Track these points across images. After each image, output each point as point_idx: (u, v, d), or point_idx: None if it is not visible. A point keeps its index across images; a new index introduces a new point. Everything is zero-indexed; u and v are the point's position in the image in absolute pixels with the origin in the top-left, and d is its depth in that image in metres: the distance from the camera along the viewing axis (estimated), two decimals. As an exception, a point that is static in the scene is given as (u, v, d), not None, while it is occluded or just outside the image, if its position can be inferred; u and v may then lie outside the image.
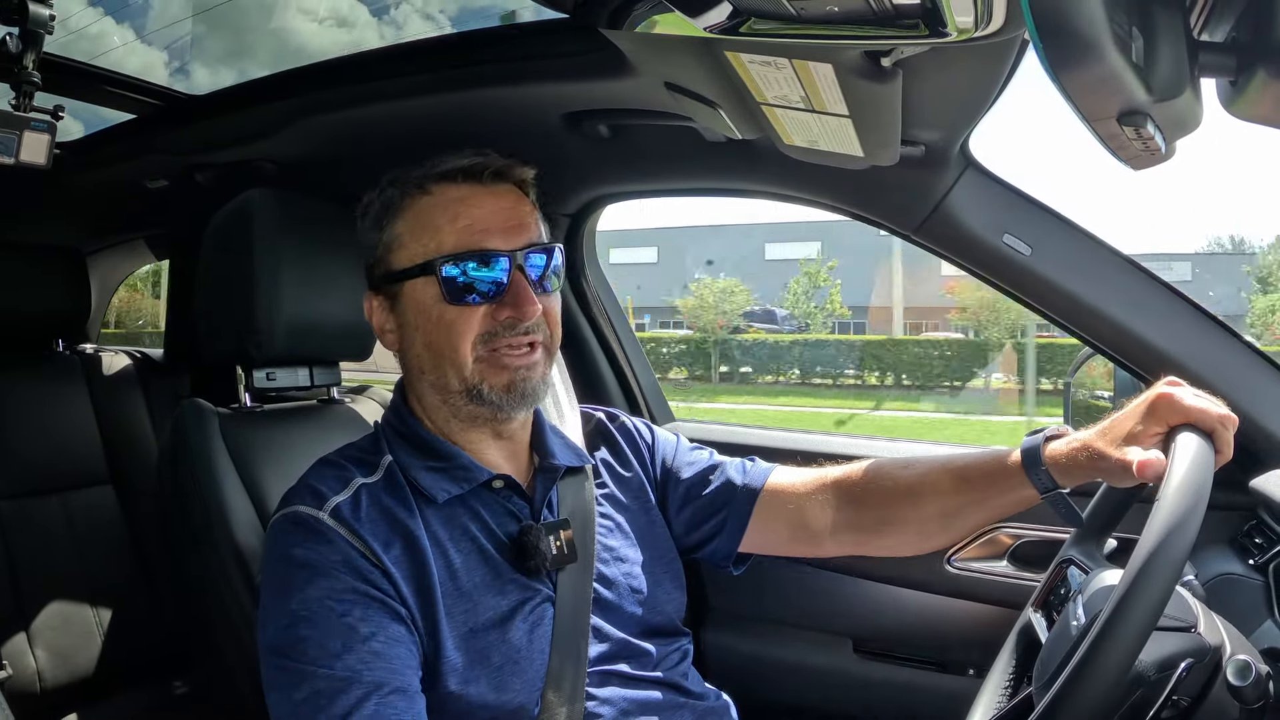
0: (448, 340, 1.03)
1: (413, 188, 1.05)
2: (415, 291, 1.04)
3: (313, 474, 1.05)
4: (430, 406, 1.09)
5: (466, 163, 1.05)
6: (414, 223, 1.05)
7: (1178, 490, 0.80)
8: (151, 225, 2.40)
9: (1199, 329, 1.31)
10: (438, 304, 1.02)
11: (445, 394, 1.06)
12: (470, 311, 1.02)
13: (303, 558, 0.95)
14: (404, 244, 1.05)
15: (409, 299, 1.05)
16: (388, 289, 1.07)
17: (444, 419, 1.09)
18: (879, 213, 1.44)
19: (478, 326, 1.02)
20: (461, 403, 1.05)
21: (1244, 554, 1.22)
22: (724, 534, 1.23)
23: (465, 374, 1.03)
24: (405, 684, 0.92)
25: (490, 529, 1.05)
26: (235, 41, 2.06)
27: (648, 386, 1.93)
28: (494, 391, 1.03)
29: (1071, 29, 0.63)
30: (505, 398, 1.04)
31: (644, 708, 1.07)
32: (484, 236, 1.03)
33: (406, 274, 1.04)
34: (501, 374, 1.03)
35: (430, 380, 1.06)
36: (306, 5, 2.11)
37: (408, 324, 1.06)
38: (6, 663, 1.81)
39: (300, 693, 0.89)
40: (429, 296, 1.03)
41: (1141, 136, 0.74)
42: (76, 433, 2.09)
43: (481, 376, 1.03)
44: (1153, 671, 0.81)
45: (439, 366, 1.04)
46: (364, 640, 0.91)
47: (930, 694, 1.53)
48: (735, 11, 0.82)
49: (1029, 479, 1.05)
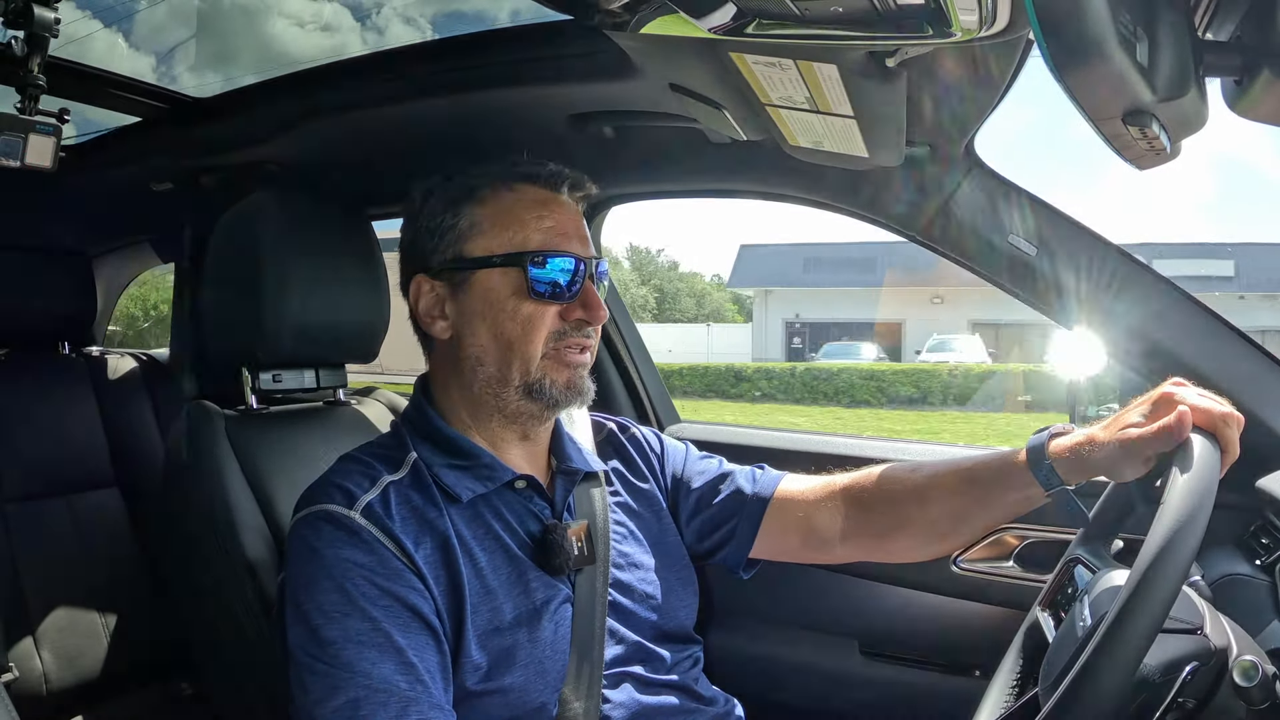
0: (523, 333, 1.05)
1: (496, 180, 1.08)
2: (491, 281, 1.05)
3: (339, 471, 1.04)
4: (472, 400, 1.09)
5: (552, 168, 1.09)
6: (497, 214, 1.07)
7: (1184, 491, 0.80)
8: (157, 228, 2.40)
9: (1206, 329, 1.30)
10: (515, 296, 1.04)
11: (501, 387, 1.07)
12: (545, 309, 1.05)
13: (335, 557, 0.95)
14: (484, 232, 1.06)
15: (481, 287, 1.06)
16: (452, 275, 1.07)
17: (483, 414, 1.09)
18: (884, 213, 1.44)
19: (550, 324, 1.05)
20: (515, 397, 1.07)
21: (1250, 555, 1.22)
22: (735, 542, 1.23)
23: (531, 367, 1.05)
24: (439, 700, 0.92)
25: (513, 528, 1.06)
26: (228, 46, 2.07)
27: (654, 391, 1.93)
28: (555, 387, 1.06)
29: (1076, 29, 0.63)
30: (565, 394, 1.07)
31: (657, 712, 1.07)
32: (565, 240, 1.07)
33: (485, 262, 1.05)
34: (564, 371, 1.07)
35: (489, 372, 1.07)
36: (291, 10, 2.13)
37: (472, 312, 1.07)
38: (13, 665, 1.81)
39: (337, 699, 0.89)
40: (507, 287, 1.05)
41: (1146, 136, 0.74)
42: (82, 435, 2.09)
43: (544, 372, 1.06)
44: (1159, 673, 0.81)
45: (505, 358, 1.06)
46: (399, 651, 0.91)
47: (937, 695, 1.52)
48: (739, 13, 0.82)
49: (1034, 476, 1.05)
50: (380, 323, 1.40)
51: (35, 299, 2.08)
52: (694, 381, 18.76)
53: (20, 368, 2.08)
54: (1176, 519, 0.77)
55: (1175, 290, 1.31)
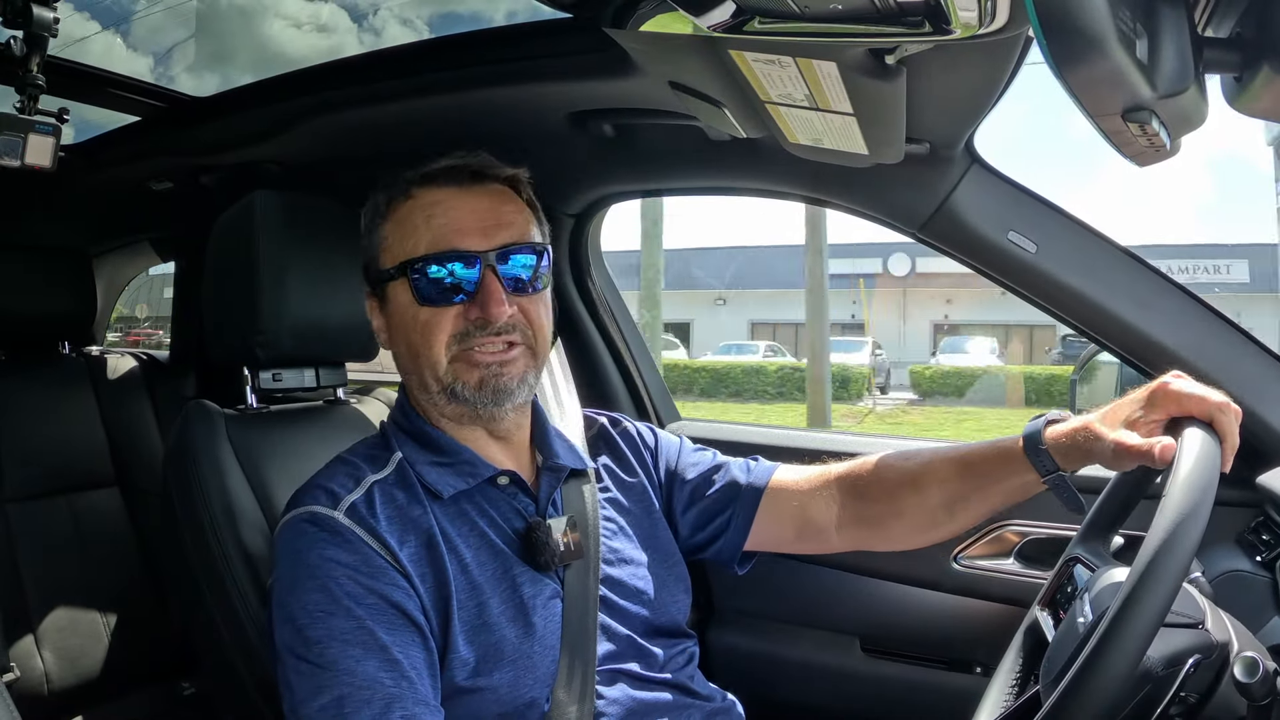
0: (423, 340, 1.05)
1: (398, 192, 1.08)
2: (396, 293, 1.06)
3: (324, 473, 1.06)
4: (425, 404, 1.10)
5: (446, 165, 1.07)
6: (396, 226, 1.07)
7: (1185, 486, 0.80)
8: (157, 227, 2.41)
9: (1206, 325, 1.30)
10: (413, 305, 1.04)
11: (427, 392, 1.08)
12: (442, 312, 1.04)
13: (319, 558, 0.96)
14: (388, 246, 1.07)
15: (392, 301, 1.07)
16: (378, 291, 1.10)
17: (437, 417, 1.10)
18: (884, 211, 1.44)
19: (450, 326, 1.04)
20: (442, 401, 1.07)
21: (1251, 551, 1.22)
22: (730, 532, 1.23)
23: (440, 373, 1.05)
24: (425, 696, 0.92)
25: (498, 525, 1.06)
26: (225, 47, 2.07)
27: (653, 385, 1.93)
28: (467, 389, 1.05)
29: (1076, 26, 0.63)
30: (478, 395, 1.05)
31: (652, 709, 1.07)
32: (457, 237, 1.03)
33: (389, 275, 1.06)
34: (473, 371, 1.05)
35: (414, 379, 1.09)
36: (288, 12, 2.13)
37: (391, 325, 1.09)
38: (14, 664, 1.81)
39: (322, 698, 0.89)
40: (405, 296, 1.05)
41: (1146, 132, 0.74)
42: (83, 435, 2.09)
43: (455, 375, 1.05)
44: (1160, 668, 0.81)
45: (417, 366, 1.07)
46: (384, 648, 0.91)
47: (937, 692, 1.52)
48: (739, 10, 0.82)
49: (1031, 462, 1.05)
50: None
51: (35, 299, 2.07)
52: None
53: (20, 367, 2.08)
54: (1178, 513, 0.77)
55: (1175, 286, 1.32)
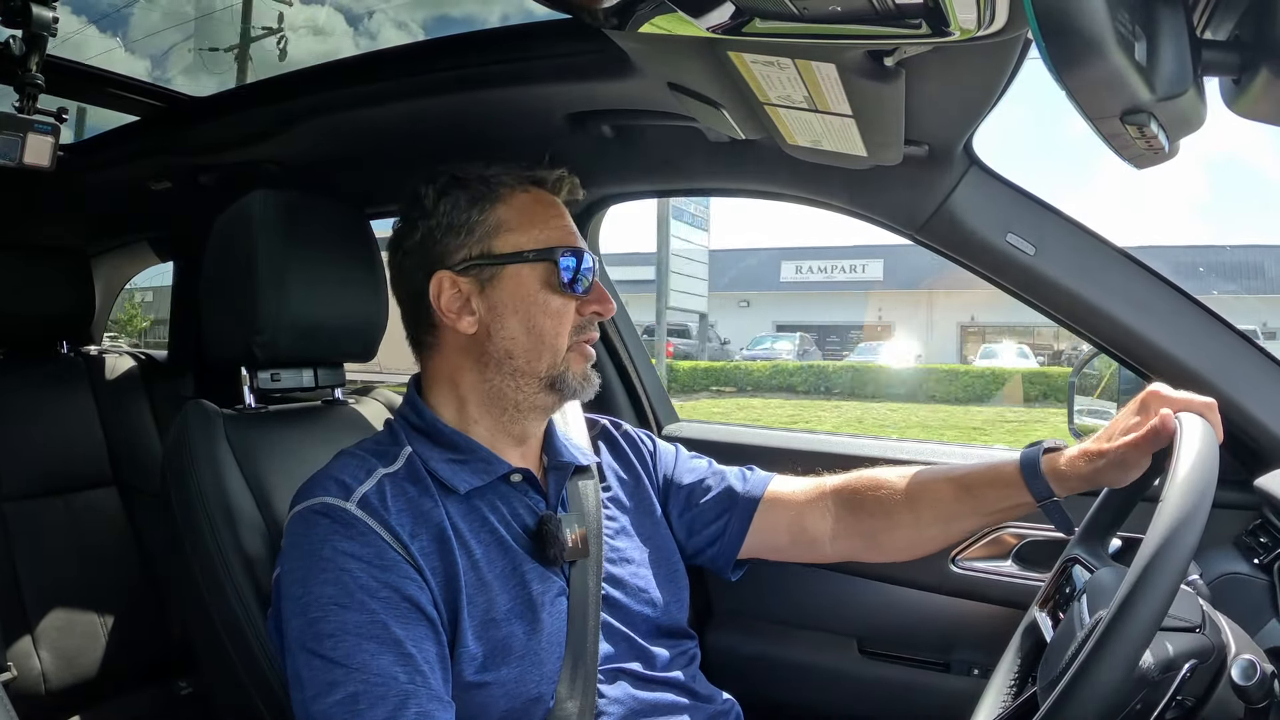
0: (552, 325, 1.08)
1: (514, 182, 1.12)
2: (521, 276, 1.08)
3: (334, 466, 1.05)
4: (479, 395, 1.11)
5: (558, 174, 1.15)
6: (521, 213, 1.10)
7: (1183, 488, 0.80)
8: (155, 227, 2.40)
9: (1204, 328, 1.30)
10: (544, 290, 1.08)
11: (525, 379, 1.09)
12: (569, 302, 1.10)
13: (332, 550, 0.95)
14: (511, 229, 1.09)
15: (510, 281, 1.08)
16: (480, 270, 1.09)
17: (491, 411, 1.11)
18: (882, 212, 1.44)
19: (573, 317, 1.10)
20: (536, 389, 1.10)
21: (1249, 554, 1.22)
22: (725, 540, 1.25)
23: (558, 360, 1.09)
24: (438, 691, 0.92)
25: (508, 521, 1.07)
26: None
27: (652, 389, 1.93)
28: (575, 378, 1.10)
29: (1074, 28, 0.63)
30: (581, 384, 1.11)
31: (654, 709, 1.08)
32: (575, 239, 1.12)
33: (516, 258, 1.08)
34: (582, 363, 1.11)
35: (516, 364, 1.09)
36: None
37: (503, 306, 1.09)
38: (11, 664, 1.81)
39: (336, 694, 0.89)
40: (536, 282, 1.08)
41: (1145, 135, 0.74)
42: (81, 434, 2.09)
43: (568, 364, 1.10)
44: (1157, 671, 0.81)
45: (535, 350, 1.08)
46: (398, 642, 0.91)
47: (935, 694, 1.52)
48: (738, 11, 0.82)
49: (1028, 487, 1.10)
50: (379, 322, 1.39)
51: (33, 298, 2.07)
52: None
53: (18, 367, 2.08)
54: (1176, 516, 0.77)
55: (1173, 289, 1.31)
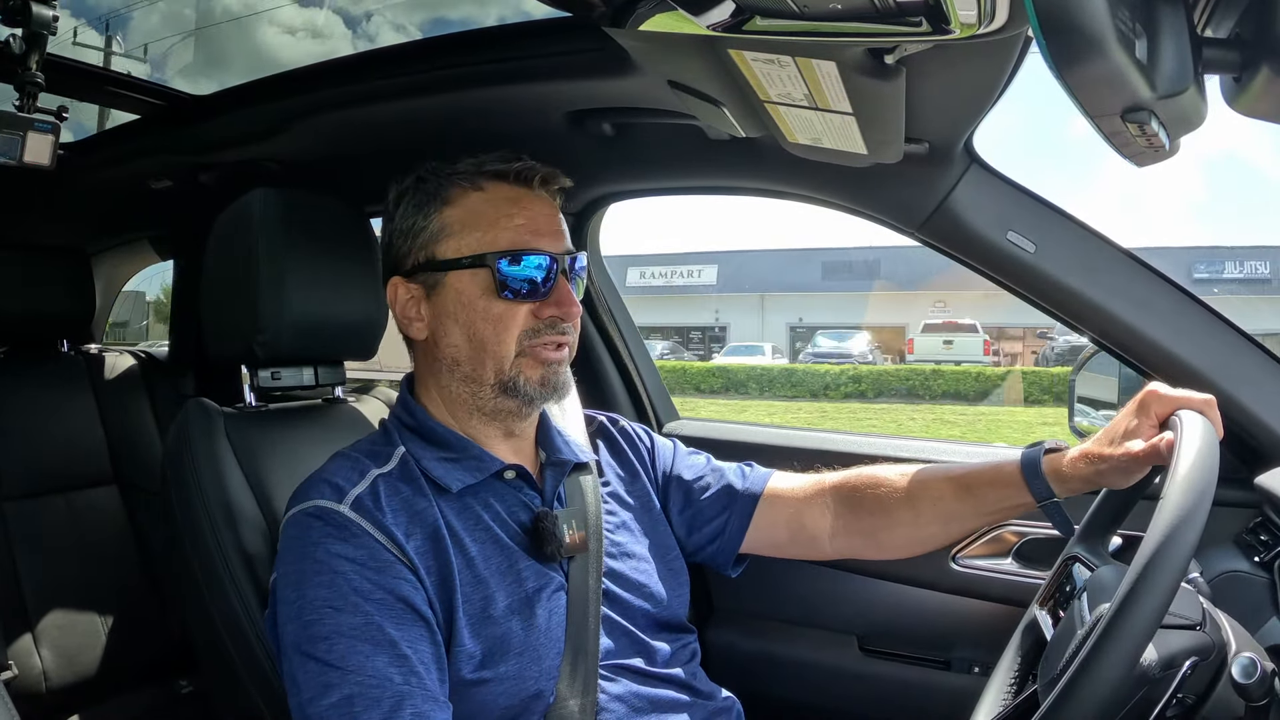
0: (494, 332, 1.05)
1: (464, 180, 1.08)
2: (461, 282, 1.06)
3: (328, 468, 1.05)
4: (450, 399, 1.10)
5: (520, 166, 1.08)
6: (466, 215, 1.07)
7: (1183, 486, 0.80)
8: (156, 225, 2.40)
9: (1205, 326, 1.30)
10: (485, 297, 1.05)
11: (476, 385, 1.08)
12: (517, 307, 1.05)
13: (325, 553, 0.95)
14: (453, 233, 1.07)
15: (452, 289, 1.07)
16: (425, 277, 1.08)
17: (463, 413, 1.10)
18: (882, 210, 1.44)
19: (522, 322, 1.06)
20: (490, 395, 1.08)
21: (1249, 552, 1.22)
22: (725, 537, 1.25)
23: (504, 366, 1.06)
24: (434, 691, 0.92)
25: (503, 518, 1.07)
26: (222, 51, 2.07)
27: (653, 387, 1.93)
28: (529, 384, 1.07)
29: (1075, 26, 0.63)
30: (539, 391, 1.07)
31: (655, 704, 1.08)
32: (535, 238, 1.07)
33: (455, 264, 1.06)
34: (537, 369, 1.07)
35: (464, 371, 1.08)
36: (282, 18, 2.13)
37: (445, 313, 1.08)
38: (12, 662, 1.81)
39: (331, 697, 0.89)
40: (477, 288, 1.05)
41: (1145, 133, 0.74)
42: (81, 433, 2.09)
43: (519, 370, 1.06)
44: (1158, 669, 0.81)
45: (478, 357, 1.07)
46: (393, 644, 0.91)
47: (935, 692, 1.52)
48: (738, 9, 0.82)
49: (1028, 488, 1.10)
50: (379, 320, 1.39)
51: (34, 297, 2.07)
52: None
53: (19, 366, 2.08)
54: (1176, 513, 0.77)
55: (1174, 288, 1.31)
